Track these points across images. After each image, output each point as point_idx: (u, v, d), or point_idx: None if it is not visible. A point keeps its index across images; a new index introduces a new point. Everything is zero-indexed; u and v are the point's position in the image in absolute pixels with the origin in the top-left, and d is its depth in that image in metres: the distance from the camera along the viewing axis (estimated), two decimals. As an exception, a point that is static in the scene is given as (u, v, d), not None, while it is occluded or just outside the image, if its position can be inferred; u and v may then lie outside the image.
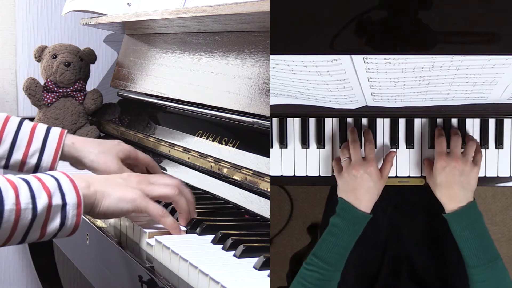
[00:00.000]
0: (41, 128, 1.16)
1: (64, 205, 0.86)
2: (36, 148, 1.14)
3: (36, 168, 1.14)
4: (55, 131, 1.16)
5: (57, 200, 0.86)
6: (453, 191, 0.93)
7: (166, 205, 1.05)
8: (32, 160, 1.14)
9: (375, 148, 1.04)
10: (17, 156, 1.13)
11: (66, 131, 1.18)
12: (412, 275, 1.10)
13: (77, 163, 1.18)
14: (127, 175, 0.99)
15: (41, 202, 0.84)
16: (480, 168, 0.97)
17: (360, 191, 0.94)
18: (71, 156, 1.17)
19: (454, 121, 1.04)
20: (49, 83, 1.66)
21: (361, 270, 1.11)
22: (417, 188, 1.05)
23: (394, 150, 1.04)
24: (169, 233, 0.95)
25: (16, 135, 1.14)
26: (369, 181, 0.95)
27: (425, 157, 1.03)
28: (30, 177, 0.87)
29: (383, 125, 1.06)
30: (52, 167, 1.15)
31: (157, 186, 0.97)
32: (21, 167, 1.15)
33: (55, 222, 0.86)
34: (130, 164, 1.20)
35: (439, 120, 1.04)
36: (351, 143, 0.99)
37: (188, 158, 1.27)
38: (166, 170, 1.34)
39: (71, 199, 0.87)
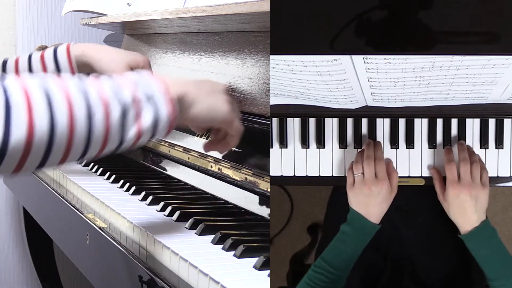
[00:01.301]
0: (49, 53, 1.18)
1: (151, 95, 0.80)
2: (51, 71, 1.15)
3: None
4: (62, 48, 1.18)
5: (142, 92, 0.80)
6: (467, 216, 0.96)
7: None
8: None
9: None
10: None
11: (72, 43, 1.19)
12: (413, 276, 1.10)
13: (90, 69, 1.18)
14: (212, 83, 0.93)
15: (126, 94, 0.78)
16: (489, 187, 0.98)
17: (372, 207, 0.96)
18: (83, 63, 1.17)
19: (454, 121, 1.04)
20: (49, 83, 1.66)
21: (364, 271, 1.11)
22: (417, 188, 1.05)
23: (391, 160, 1.04)
24: None
25: (30, 67, 1.15)
26: (380, 198, 0.97)
27: (431, 168, 1.03)
28: (110, 75, 0.83)
29: (383, 125, 1.06)
30: None
31: (236, 114, 0.93)
32: None
33: (148, 114, 0.79)
34: None
35: (439, 120, 1.04)
36: (366, 158, 0.99)
37: (188, 158, 1.27)
38: (166, 170, 1.34)
39: (156, 88, 0.81)
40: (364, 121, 1.06)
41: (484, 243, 0.95)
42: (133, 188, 1.20)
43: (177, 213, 1.02)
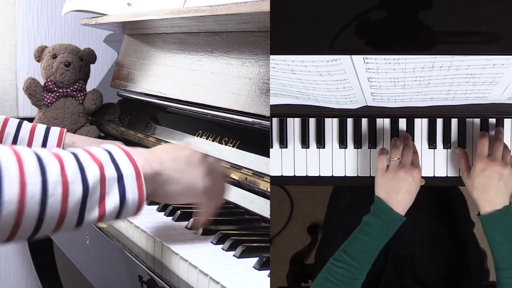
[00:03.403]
0: (41, 127, 1.16)
1: (120, 177, 0.77)
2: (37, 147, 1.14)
3: None
4: (55, 130, 1.16)
5: (110, 172, 0.77)
6: (490, 194, 0.94)
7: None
8: None
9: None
10: None
11: (65, 130, 1.18)
12: (414, 275, 1.10)
13: None
14: (188, 155, 0.88)
15: (92, 173, 0.75)
16: None
17: (402, 194, 0.95)
18: None
19: (454, 121, 1.04)
20: (49, 83, 1.66)
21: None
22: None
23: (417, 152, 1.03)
24: None
25: (16, 136, 1.13)
26: (413, 186, 0.95)
27: (457, 148, 1.02)
28: (77, 150, 0.78)
29: (383, 125, 1.06)
30: None
31: (219, 186, 0.91)
32: None
33: (114, 197, 0.77)
34: None
35: (439, 120, 1.04)
36: (406, 146, 0.99)
37: (188, 158, 1.27)
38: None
39: (128, 170, 0.78)
40: (364, 121, 1.06)
41: (502, 229, 0.93)
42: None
43: (177, 213, 1.02)
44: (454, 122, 1.04)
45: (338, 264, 0.93)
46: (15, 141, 1.12)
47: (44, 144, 1.14)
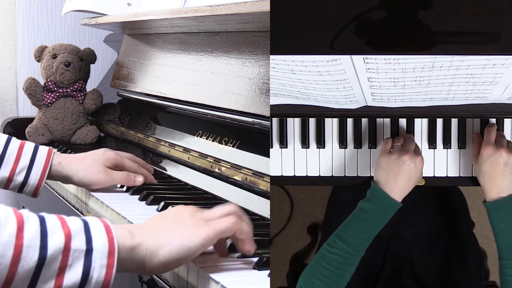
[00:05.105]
0: (29, 145, 1.16)
1: (89, 250, 0.69)
2: (24, 165, 1.12)
3: (23, 185, 1.13)
4: (43, 150, 1.16)
5: (78, 244, 0.69)
6: (496, 181, 0.94)
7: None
8: (19, 177, 1.12)
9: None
10: (4, 172, 1.12)
11: (54, 150, 1.18)
12: (412, 274, 1.10)
13: (66, 181, 1.18)
14: (174, 211, 0.81)
15: (54, 242, 0.68)
16: None
17: (402, 179, 0.94)
18: (60, 175, 1.17)
19: (454, 121, 1.04)
20: (49, 83, 1.66)
21: (364, 268, 1.11)
22: (417, 188, 1.05)
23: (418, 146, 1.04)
24: None
25: (4, 151, 1.13)
26: (414, 173, 0.95)
27: (475, 133, 1.03)
28: (48, 215, 0.71)
29: (383, 125, 1.06)
30: (39, 185, 1.13)
31: (216, 221, 0.79)
32: (7, 184, 1.13)
33: (75, 272, 0.68)
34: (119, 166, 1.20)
35: (439, 120, 1.04)
36: (408, 138, 1.00)
37: (188, 158, 1.27)
38: (166, 170, 1.34)
39: (100, 245, 0.70)
40: (364, 121, 1.06)
41: (507, 217, 0.92)
42: (133, 188, 1.20)
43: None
44: (454, 122, 1.04)
45: (333, 251, 0.92)
46: (2, 156, 1.12)
47: (32, 162, 1.13)
